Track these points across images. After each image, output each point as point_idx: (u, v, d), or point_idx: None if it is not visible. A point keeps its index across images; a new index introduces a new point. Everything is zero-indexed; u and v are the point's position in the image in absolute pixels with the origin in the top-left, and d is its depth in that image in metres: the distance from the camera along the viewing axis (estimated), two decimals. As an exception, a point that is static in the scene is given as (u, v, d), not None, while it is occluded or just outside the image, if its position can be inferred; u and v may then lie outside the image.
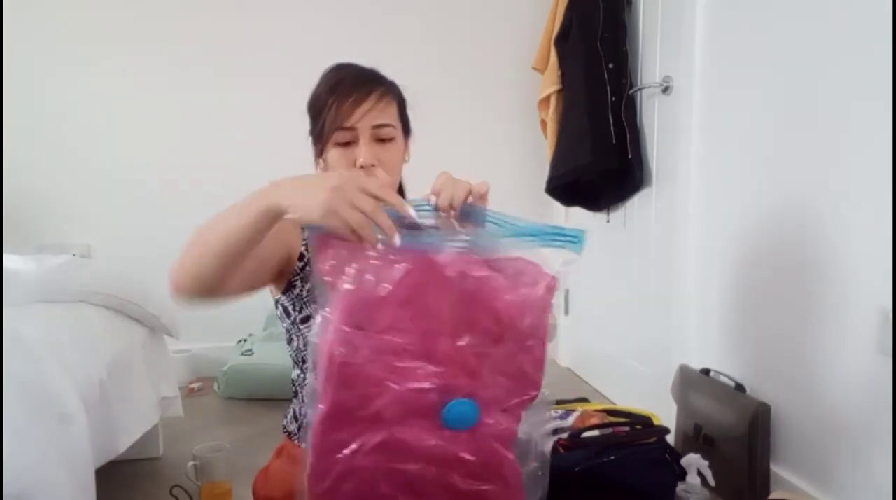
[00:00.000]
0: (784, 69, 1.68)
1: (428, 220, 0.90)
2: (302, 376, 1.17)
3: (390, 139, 1.11)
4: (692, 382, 1.95)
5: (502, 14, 3.01)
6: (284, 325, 1.17)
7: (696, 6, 1.99)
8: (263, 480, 1.21)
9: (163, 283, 0.95)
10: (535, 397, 0.87)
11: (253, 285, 1.03)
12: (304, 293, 1.12)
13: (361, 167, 1.07)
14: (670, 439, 1.87)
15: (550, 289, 0.84)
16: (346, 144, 1.08)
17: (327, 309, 0.80)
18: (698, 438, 1.85)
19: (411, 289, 0.80)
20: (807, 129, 1.60)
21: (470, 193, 0.90)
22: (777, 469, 1.70)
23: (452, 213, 0.89)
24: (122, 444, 1.57)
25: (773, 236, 1.73)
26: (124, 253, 2.73)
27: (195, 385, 2.70)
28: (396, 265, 0.80)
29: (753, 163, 1.79)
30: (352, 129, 1.07)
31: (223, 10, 2.80)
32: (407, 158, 1.18)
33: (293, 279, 1.12)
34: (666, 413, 1.90)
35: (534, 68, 2.75)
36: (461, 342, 0.82)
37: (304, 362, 1.15)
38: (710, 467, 1.52)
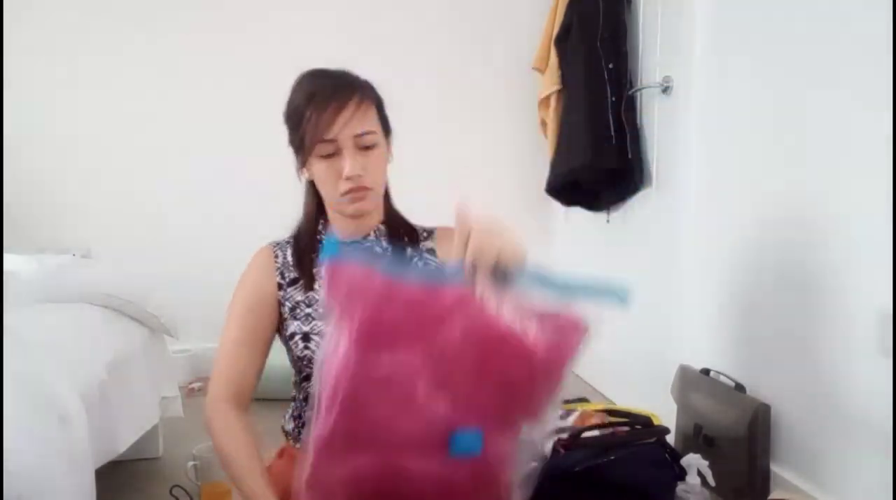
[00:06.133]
0: (784, 69, 1.68)
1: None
2: (299, 382, 1.18)
3: (373, 146, 1.10)
4: (692, 382, 1.95)
5: (502, 14, 3.01)
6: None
7: (696, 6, 1.99)
8: (264, 481, 1.21)
9: (163, 283, 0.95)
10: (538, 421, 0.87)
11: (266, 355, 1.16)
12: (286, 313, 1.16)
13: (348, 179, 1.07)
14: (670, 439, 1.87)
15: (581, 337, 0.82)
16: (330, 156, 1.08)
17: (339, 327, 0.78)
18: (698, 438, 1.85)
19: (427, 320, 0.78)
20: (807, 129, 1.60)
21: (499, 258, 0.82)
22: (777, 469, 1.70)
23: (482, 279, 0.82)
24: (122, 444, 1.57)
25: (772, 236, 1.73)
26: (124, 253, 2.73)
27: (195, 385, 2.70)
28: (412, 295, 0.79)
29: (753, 163, 1.79)
30: (333, 141, 1.06)
31: (221, 18, 2.79)
32: (390, 158, 1.17)
33: (281, 310, 1.17)
34: (666, 413, 1.90)
35: (534, 68, 2.75)
36: (473, 377, 0.80)
37: (300, 372, 1.18)
38: (710, 467, 1.52)
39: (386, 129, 1.16)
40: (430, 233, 1.23)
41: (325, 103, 1.05)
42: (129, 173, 2.79)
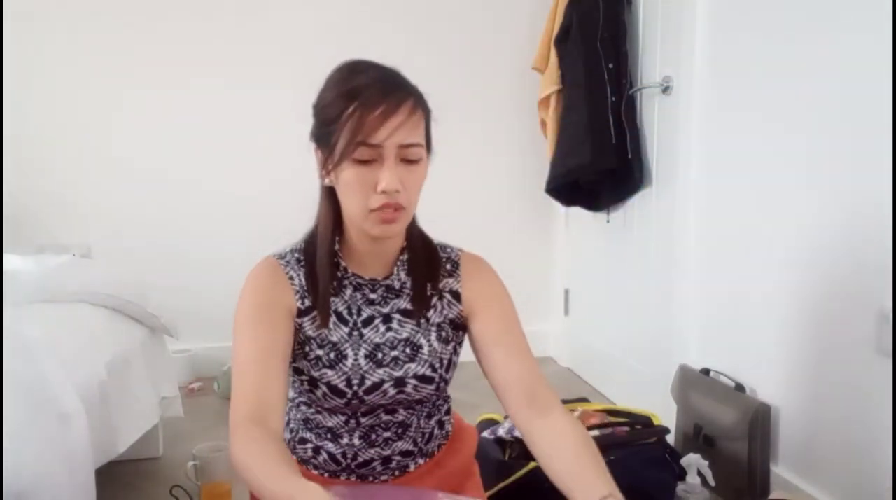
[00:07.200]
0: (784, 69, 1.68)
1: None
2: (297, 403, 1.15)
3: (417, 161, 0.96)
4: (692, 382, 1.95)
5: (502, 14, 3.00)
6: None
7: (696, 6, 1.99)
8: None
9: (163, 283, 0.95)
10: None
11: (287, 371, 1.01)
12: (296, 346, 1.04)
13: (384, 192, 0.92)
14: (670, 439, 1.87)
15: None
16: (366, 163, 0.92)
17: None
18: (698, 438, 1.85)
19: None
20: (806, 128, 1.61)
21: None
22: (777, 469, 1.70)
23: None
24: (122, 444, 1.56)
25: (772, 236, 1.73)
26: (124, 253, 2.73)
27: (195, 385, 2.70)
28: None
29: (753, 162, 1.79)
30: (377, 147, 0.91)
31: (223, 13, 2.80)
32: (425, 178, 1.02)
33: (296, 334, 1.05)
34: (666, 413, 1.90)
35: (534, 68, 2.75)
36: None
37: (301, 395, 1.11)
38: (710, 467, 1.52)
39: (429, 145, 1.02)
40: (455, 266, 1.09)
41: (376, 102, 0.91)
42: (130, 173, 2.79)
